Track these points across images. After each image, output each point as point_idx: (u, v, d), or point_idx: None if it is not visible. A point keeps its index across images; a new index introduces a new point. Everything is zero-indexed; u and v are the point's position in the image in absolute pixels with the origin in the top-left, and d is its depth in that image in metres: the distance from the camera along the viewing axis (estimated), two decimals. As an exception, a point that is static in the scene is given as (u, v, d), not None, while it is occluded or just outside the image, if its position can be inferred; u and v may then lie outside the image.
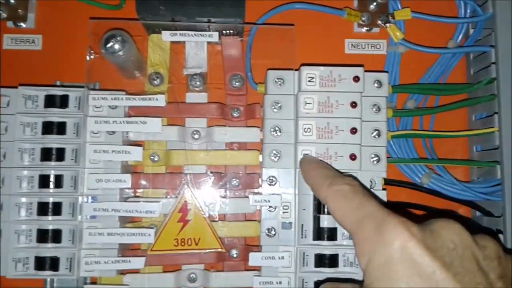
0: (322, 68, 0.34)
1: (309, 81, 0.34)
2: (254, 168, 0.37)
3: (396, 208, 0.25)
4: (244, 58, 0.38)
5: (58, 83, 0.39)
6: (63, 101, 0.34)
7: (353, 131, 0.34)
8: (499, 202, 0.36)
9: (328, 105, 0.34)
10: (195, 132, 0.36)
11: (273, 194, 0.34)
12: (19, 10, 0.40)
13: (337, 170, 0.32)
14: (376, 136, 0.35)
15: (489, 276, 0.23)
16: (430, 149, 0.39)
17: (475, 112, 0.40)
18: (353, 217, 0.25)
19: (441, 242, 0.23)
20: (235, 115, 0.37)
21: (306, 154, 0.34)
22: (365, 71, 0.35)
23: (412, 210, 0.38)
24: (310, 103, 0.34)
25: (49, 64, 0.40)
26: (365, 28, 0.41)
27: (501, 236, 0.35)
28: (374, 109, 0.35)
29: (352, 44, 0.41)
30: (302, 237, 0.33)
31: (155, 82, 0.37)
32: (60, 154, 0.34)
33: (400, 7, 0.40)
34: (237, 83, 0.37)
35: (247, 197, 0.35)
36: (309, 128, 0.34)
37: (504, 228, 0.35)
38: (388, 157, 0.35)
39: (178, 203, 0.34)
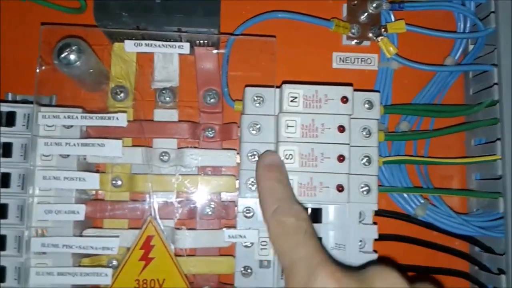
0: (306, 86, 0.30)
1: (291, 101, 0.30)
2: (231, 195, 0.33)
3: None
4: (220, 72, 0.34)
5: (9, 95, 0.34)
6: (9, 119, 0.30)
7: (341, 158, 0.30)
8: (501, 238, 0.32)
9: (312, 128, 0.30)
10: (163, 154, 0.32)
11: (249, 228, 0.30)
12: (-35, 12, 0.35)
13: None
14: (366, 164, 0.31)
15: None
16: (425, 177, 0.36)
17: (474, 137, 0.36)
18: (288, 257, 0.24)
19: None
20: (209, 135, 0.33)
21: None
22: (354, 89, 0.31)
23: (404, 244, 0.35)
24: (293, 126, 0.30)
25: (1, 73, 0.35)
26: (355, 41, 0.37)
27: (503, 276, 0.32)
28: (364, 133, 0.31)
29: (340, 58, 0.37)
30: (282, 278, 0.30)
31: (119, 97, 0.32)
32: (5, 180, 0.30)
33: (393, 19, 0.36)
34: (211, 100, 0.33)
35: (221, 228, 0.31)
36: (291, 154, 0.30)
37: (507, 267, 0.32)
38: (379, 185, 0.31)
39: (139, 239, 0.29)
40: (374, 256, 0.30)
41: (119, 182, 0.32)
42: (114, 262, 0.31)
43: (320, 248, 0.24)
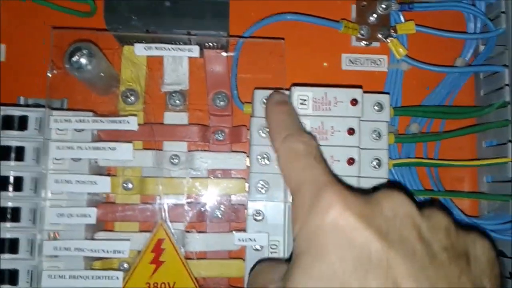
0: (315, 89, 0.30)
1: (301, 103, 0.30)
2: (241, 198, 0.33)
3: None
4: (229, 74, 0.34)
5: (21, 99, 0.35)
6: (22, 123, 0.30)
7: (350, 161, 0.30)
8: (512, 241, 0.32)
9: (322, 131, 0.30)
10: (174, 157, 0.32)
11: (259, 232, 0.30)
12: (-21, 16, 0.35)
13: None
14: (377, 167, 0.31)
15: (432, 246, 0.20)
16: (436, 179, 0.35)
17: (486, 139, 0.36)
18: (296, 179, 0.24)
19: (379, 211, 0.21)
20: (219, 138, 0.33)
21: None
22: (364, 91, 0.31)
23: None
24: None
25: (13, 77, 0.36)
26: (364, 42, 0.37)
27: (514, 279, 0.32)
28: (374, 136, 0.31)
29: (350, 60, 0.37)
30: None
31: (129, 100, 0.32)
32: (17, 184, 0.30)
33: (403, 20, 0.36)
34: (221, 102, 0.33)
35: (231, 231, 0.31)
36: (300, 157, 0.30)
37: (518, 270, 0.31)
38: (389, 188, 0.31)
39: (150, 242, 0.30)
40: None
41: (130, 185, 0.32)
42: (125, 265, 0.31)
43: (328, 170, 0.24)
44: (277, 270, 0.24)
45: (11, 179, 0.30)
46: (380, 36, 0.36)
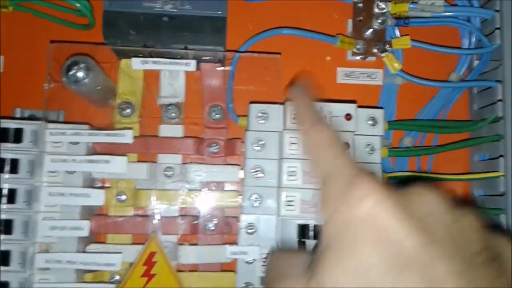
0: (310, 104, 0.31)
1: (295, 118, 0.31)
2: (233, 211, 0.33)
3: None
4: (225, 88, 0.34)
5: (18, 111, 0.35)
6: (17, 135, 0.30)
7: (344, 176, 0.30)
8: (505, 256, 0.32)
9: (316, 146, 0.30)
10: (168, 169, 0.33)
11: (251, 245, 0.30)
12: (-23, 28, 0.36)
13: None
14: (370, 181, 0.31)
15: (468, 248, 0.19)
16: (429, 193, 0.35)
17: (478, 153, 0.36)
18: (324, 167, 0.22)
19: (414, 208, 0.19)
20: (213, 150, 0.33)
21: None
22: (359, 106, 0.31)
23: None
24: (296, 143, 0.30)
25: (10, 88, 0.36)
26: (360, 56, 0.37)
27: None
28: (367, 150, 0.31)
29: (345, 73, 0.37)
30: (283, 295, 0.30)
31: (125, 112, 0.33)
32: (11, 196, 0.30)
33: (398, 35, 0.36)
34: (217, 115, 0.34)
35: (224, 244, 0.32)
36: (293, 171, 0.30)
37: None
38: (382, 202, 0.31)
39: (142, 255, 0.30)
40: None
41: (124, 197, 0.32)
42: (117, 277, 0.31)
43: (356, 162, 0.22)
44: (299, 259, 0.23)
45: (5, 192, 0.30)
46: (375, 50, 0.36)
